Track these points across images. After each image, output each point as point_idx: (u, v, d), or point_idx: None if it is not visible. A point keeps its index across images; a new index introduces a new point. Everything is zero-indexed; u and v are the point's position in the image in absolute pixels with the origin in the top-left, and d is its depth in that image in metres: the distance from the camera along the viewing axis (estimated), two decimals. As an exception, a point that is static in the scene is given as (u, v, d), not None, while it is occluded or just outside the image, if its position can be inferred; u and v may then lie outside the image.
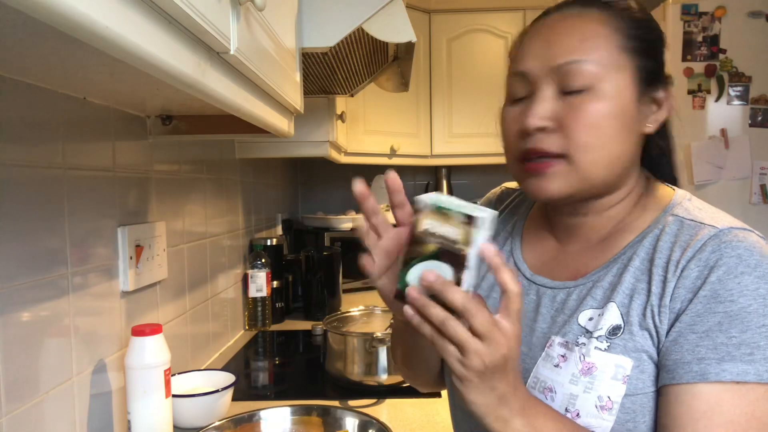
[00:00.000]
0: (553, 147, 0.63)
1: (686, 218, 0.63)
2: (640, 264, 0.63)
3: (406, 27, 1.10)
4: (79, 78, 0.77)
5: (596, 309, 0.64)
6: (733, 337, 0.55)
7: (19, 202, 0.76)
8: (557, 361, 0.64)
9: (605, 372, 0.60)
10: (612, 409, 0.59)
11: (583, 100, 0.62)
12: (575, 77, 0.62)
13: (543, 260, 0.74)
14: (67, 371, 0.86)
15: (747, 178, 2.39)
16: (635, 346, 0.60)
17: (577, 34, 0.63)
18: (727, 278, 0.56)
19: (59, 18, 0.33)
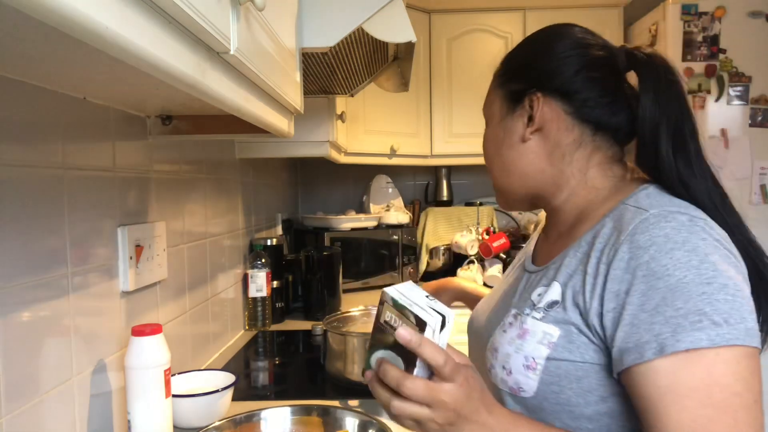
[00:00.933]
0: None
1: (630, 205, 0.69)
2: (585, 248, 0.70)
3: (406, 27, 1.10)
4: (79, 78, 0.77)
5: (545, 287, 0.73)
6: (680, 308, 0.58)
7: (19, 202, 0.76)
8: (506, 328, 0.75)
9: (534, 336, 0.69)
10: (536, 369, 0.68)
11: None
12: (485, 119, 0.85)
13: (537, 251, 0.87)
14: (67, 371, 0.86)
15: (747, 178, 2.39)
16: (564, 319, 0.68)
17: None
18: (659, 255, 0.60)
19: (59, 18, 0.33)
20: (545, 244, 0.85)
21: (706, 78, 2.39)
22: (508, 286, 0.86)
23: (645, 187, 0.72)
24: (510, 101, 0.80)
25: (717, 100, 2.39)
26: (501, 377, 0.72)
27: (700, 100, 2.40)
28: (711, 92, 2.39)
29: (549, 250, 0.81)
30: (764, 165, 2.38)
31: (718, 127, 2.40)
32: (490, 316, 0.84)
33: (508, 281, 0.89)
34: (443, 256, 2.66)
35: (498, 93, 0.82)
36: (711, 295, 0.58)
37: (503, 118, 0.81)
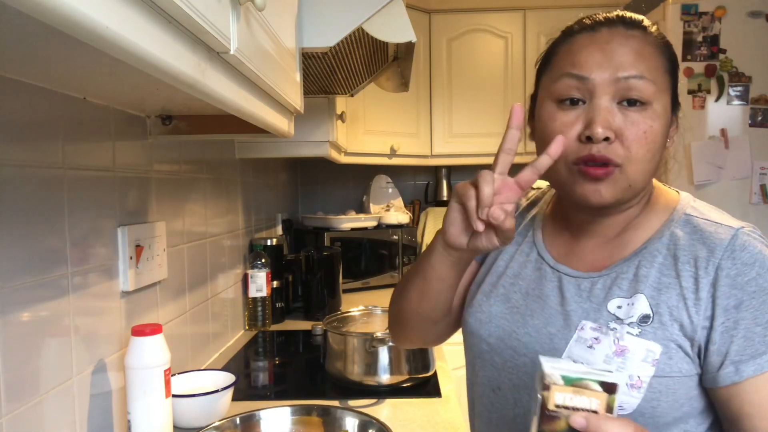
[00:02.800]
0: (615, 156, 0.67)
1: (699, 217, 0.72)
2: (663, 260, 0.70)
3: (406, 27, 1.10)
4: (79, 78, 0.77)
5: (624, 298, 0.70)
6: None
7: (19, 202, 0.76)
8: (591, 343, 0.70)
9: (636, 354, 0.67)
10: (641, 388, 0.66)
11: (641, 116, 0.68)
12: (635, 92, 0.67)
13: (561, 251, 0.80)
14: (67, 371, 0.86)
15: (747, 178, 2.39)
16: (665, 335, 0.67)
17: (635, 52, 0.68)
18: (764, 272, 0.65)
19: (59, 18, 0.33)
20: (577, 247, 0.78)
21: (706, 78, 2.39)
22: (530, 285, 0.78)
23: (687, 196, 0.76)
24: (673, 102, 0.73)
25: (717, 100, 2.39)
26: None
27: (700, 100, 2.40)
28: (711, 92, 2.39)
29: (590, 255, 0.76)
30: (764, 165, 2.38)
31: (718, 127, 2.39)
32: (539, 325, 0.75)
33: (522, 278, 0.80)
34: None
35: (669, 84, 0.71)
36: None
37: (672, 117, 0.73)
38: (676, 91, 0.73)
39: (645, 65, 0.68)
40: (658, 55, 0.70)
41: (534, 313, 0.76)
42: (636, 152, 0.67)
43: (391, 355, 1.28)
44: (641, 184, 0.70)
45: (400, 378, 1.29)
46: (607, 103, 0.68)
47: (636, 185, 0.69)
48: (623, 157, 0.67)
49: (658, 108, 0.68)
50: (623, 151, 0.67)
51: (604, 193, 0.69)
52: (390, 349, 1.28)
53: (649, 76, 0.67)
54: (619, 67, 0.67)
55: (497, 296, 0.81)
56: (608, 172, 0.68)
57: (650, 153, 0.68)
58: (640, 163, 0.68)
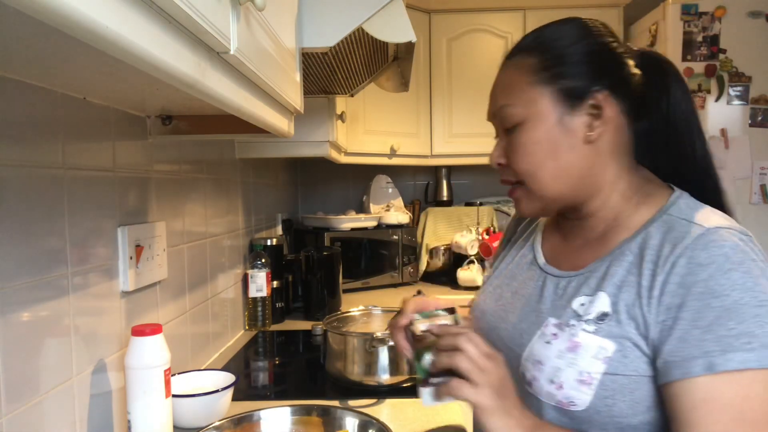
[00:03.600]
0: (510, 177, 0.78)
1: (678, 216, 0.69)
2: (633, 259, 0.70)
3: (406, 27, 1.10)
4: (79, 78, 0.77)
5: (588, 296, 0.71)
6: (732, 328, 0.60)
7: (19, 202, 0.76)
8: (549, 339, 0.72)
9: (588, 351, 0.68)
10: (591, 384, 0.67)
11: (515, 136, 0.75)
12: (505, 119, 0.76)
13: (553, 253, 0.83)
14: (67, 371, 0.86)
15: (747, 178, 2.39)
16: (620, 333, 0.67)
17: (501, 83, 0.78)
18: (718, 274, 0.62)
19: (59, 18, 0.33)
20: (566, 249, 0.81)
21: (706, 78, 2.39)
22: (521, 285, 0.83)
23: (679, 195, 0.73)
24: (567, 98, 0.73)
25: (717, 100, 2.39)
26: (548, 391, 0.70)
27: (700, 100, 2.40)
28: (711, 92, 2.39)
29: (573, 256, 0.79)
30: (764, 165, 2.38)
31: (718, 127, 2.40)
32: (515, 321, 0.80)
33: (515, 278, 0.85)
34: (443, 256, 2.67)
35: (544, 90, 0.73)
36: (762, 318, 0.60)
37: (560, 117, 0.73)
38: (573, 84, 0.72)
39: (506, 92, 0.76)
40: (521, 74, 0.75)
41: (514, 310, 0.81)
42: (521, 168, 0.75)
43: (391, 355, 1.28)
44: (551, 190, 0.74)
45: (400, 378, 1.29)
46: (500, 134, 0.79)
47: (548, 193, 0.75)
48: (517, 175, 0.76)
49: (530, 122, 0.74)
50: (512, 171, 0.77)
51: (523, 208, 0.79)
52: (390, 349, 1.28)
53: (511, 101, 0.75)
54: (494, 102, 0.78)
55: (492, 295, 0.87)
56: (512, 192, 0.79)
57: (534, 163, 0.74)
58: (530, 175, 0.75)
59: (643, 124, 0.77)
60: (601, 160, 0.74)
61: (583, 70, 0.73)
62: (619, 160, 0.75)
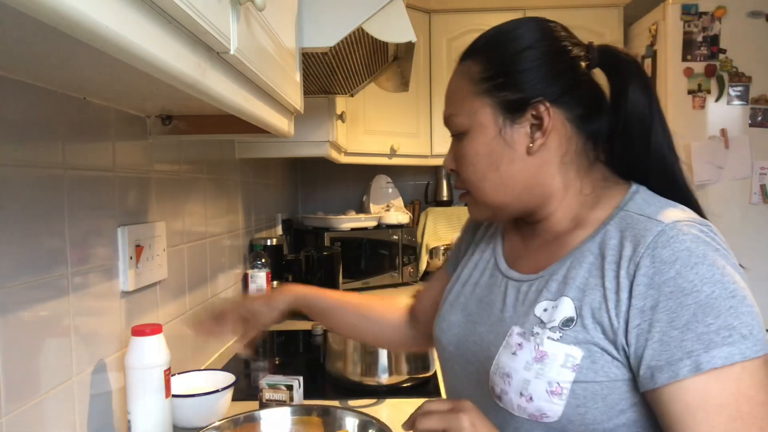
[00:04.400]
0: (458, 184, 0.78)
1: (635, 213, 0.67)
2: (594, 260, 0.67)
3: (406, 27, 1.10)
4: (79, 78, 0.77)
5: (550, 301, 0.69)
6: (711, 324, 0.58)
7: (19, 202, 0.76)
8: (515, 349, 0.69)
9: (556, 360, 0.65)
10: (561, 394, 0.64)
11: (461, 145, 0.75)
12: (452, 127, 0.76)
13: (514, 256, 0.81)
14: (67, 371, 0.86)
15: (747, 178, 2.39)
16: (586, 338, 0.64)
17: (449, 90, 0.78)
18: (685, 270, 0.60)
19: (59, 18, 0.33)
20: (525, 250, 0.79)
21: (706, 78, 2.39)
22: (485, 292, 0.80)
23: (635, 190, 0.71)
24: (508, 110, 0.72)
25: (717, 100, 2.39)
26: (518, 404, 0.67)
27: (700, 100, 2.40)
28: (711, 92, 2.39)
29: (533, 258, 0.76)
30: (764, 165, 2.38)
31: (718, 127, 2.40)
32: (479, 329, 0.77)
33: (479, 285, 0.82)
34: (443, 256, 2.66)
35: (485, 101, 0.72)
36: (737, 309, 0.59)
37: (501, 129, 0.72)
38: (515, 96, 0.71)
39: (451, 101, 0.76)
40: (465, 83, 0.74)
41: (482, 320, 0.77)
42: (465, 176, 0.75)
43: (391, 355, 1.28)
44: (495, 199, 0.74)
45: (400, 378, 1.29)
46: (452, 141, 0.78)
47: (490, 201, 0.74)
48: (462, 183, 0.77)
49: (474, 131, 0.73)
50: (459, 178, 0.77)
51: (472, 213, 0.80)
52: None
53: (455, 111, 0.75)
54: (445, 109, 0.78)
55: (457, 305, 0.83)
56: (463, 197, 0.79)
57: (478, 173, 0.74)
58: (473, 184, 0.75)
59: (600, 123, 0.74)
60: (548, 169, 0.73)
61: (526, 80, 0.71)
62: (569, 166, 0.73)
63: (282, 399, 1.07)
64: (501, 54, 0.73)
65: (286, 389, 1.07)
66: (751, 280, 0.65)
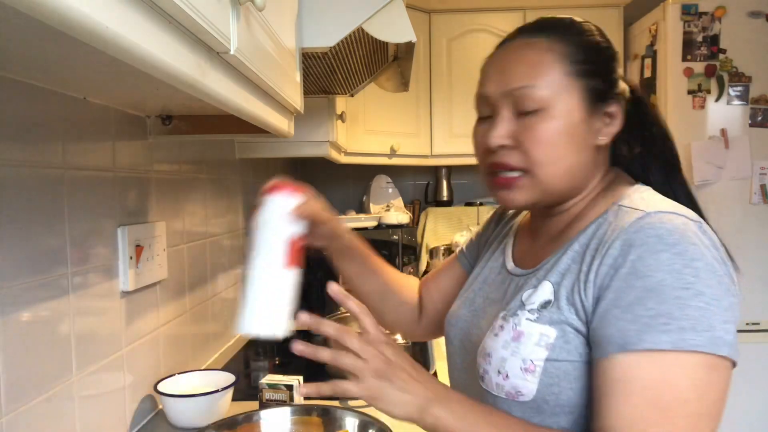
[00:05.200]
0: (514, 162, 0.72)
1: (626, 206, 0.68)
2: (578, 248, 0.69)
3: (406, 27, 1.10)
4: (79, 78, 0.77)
5: (534, 287, 0.71)
6: (651, 309, 0.59)
7: (19, 202, 0.76)
8: (497, 331, 0.71)
9: (531, 338, 0.67)
10: (535, 372, 0.66)
11: (536, 121, 0.70)
12: (526, 100, 0.70)
13: (521, 254, 0.82)
14: (67, 371, 0.86)
15: (747, 178, 2.38)
16: (560, 318, 0.66)
17: (526, 63, 0.72)
18: (646, 255, 0.60)
19: (59, 18, 0.33)
20: (533, 247, 0.81)
21: (706, 78, 2.39)
22: (492, 290, 0.82)
23: (637, 188, 0.72)
24: (592, 99, 0.71)
25: (717, 100, 2.39)
26: (496, 382, 0.69)
27: (700, 100, 2.40)
28: (711, 92, 2.39)
29: (537, 254, 0.78)
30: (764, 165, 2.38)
31: (718, 127, 2.39)
32: (481, 322, 0.79)
33: (488, 283, 0.84)
34: (443, 256, 2.67)
35: (574, 83, 0.70)
36: (685, 301, 0.58)
37: (587, 115, 0.71)
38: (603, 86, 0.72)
39: (535, 73, 0.70)
40: (557, 59, 0.71)
41: (486, 315, 0.79)
42: (535, 155, 0.70)
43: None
44: (556, 185, 0.71)
45: (400, 378, 1.29)
46: (505, 114, 0.72)
47: (550, 187, 0.71)
48: (525, 161, 0.71)
49: (556, 112, 0.70)
50: (522, 156, 0.71)
51: (516, 198, 0.73)
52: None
53: (537, 84, 0.70)
54: (510, 79, 0.71)
55: (466, 301, 0.85)
56: (513, 179, 0.72)
57: (552, 155, 0.70)
58: (543, 165, 0.70)
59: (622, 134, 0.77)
60: (597, 166, 0.75)
61: (609, 74, 0.73)
62: (604, 166, 0.77)
63: (282, 399, 1.07)
64: (594, 44, 0.73)
65: (286, 389, 1.06)
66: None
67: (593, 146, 0.72)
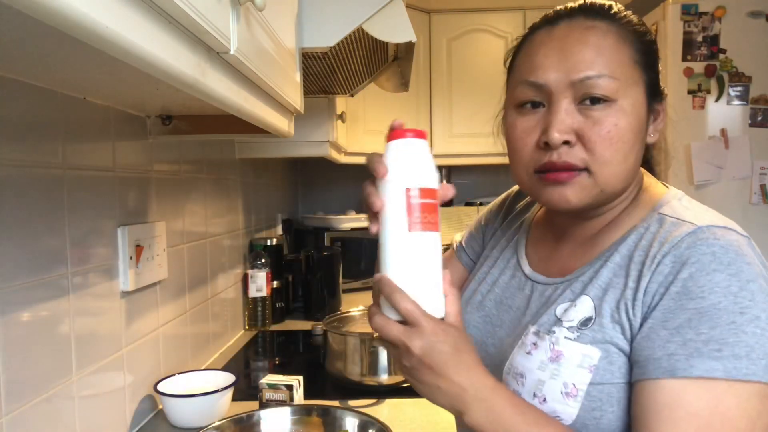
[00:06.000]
0: (577, 161, 0.63)
1: (670, 216, 0.64)
2: (620, 260, 0.64)
3: (406, 27, 1.10)
4: (79, 78, 0.77)
5: (571, 301, 0.65)
6: (702, 333, 0.55)
7: (19, 202, 0.76)
8: (529, 349, 0.66)
9: (572, 360, 0.62)
10: (577, 396, 0.61)
11: (604, 115, 0.62)
12: (595, 91, 0.62)
13: (541, 258, 0.76)
14: (67, 371, 0.86)
15: (747, 178, 2.38)
16: (604, 338, 0.61)
17: (593, 48, 0.63)
18: (699, 275, 0.56)
19: (59, 18, 0.33)
20: (555, 251, 0.75)
21: (706, 78, 2.39)
22: (507, 295, 0.76)
23: (675, 194, 0.68)
24: (651, 94, 0.66)
25: (717, 100, 2.39)
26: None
27: (700, 100, 2.40)
28: (711, 92, 2.39)
29: (564, 260, 0.72)
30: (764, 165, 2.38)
31: (718, 127, 2.39)
32: (499, 332, 0.73)
33: (499, 286, 0.78)
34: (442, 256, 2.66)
35: (641, 75, 0.65)
36: (740, 326, 0.54)
37: (649, 111, 0.67)
38: (657, 81, 0.67)
39: (605, 61, 0.62)
40: (625, 46, 0.64)
41: (503, 324, 0.74)
42: (601, 154, 0.62)
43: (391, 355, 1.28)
44: (615, 187, 0.65)
45: (400, 378, 1.29)
46: (566, 106, 0.63)
47: (609, 189, 0.64)
48: (588, 160, 0.63)
49: (625, 104, 0.63)
50: (586, 154, 0.63)
51: (570, 197, 0.64)
52: (390, 349, 1.28)
53: (610, 73, 0.62)
54: (576, 66, 0.62)
55: (474, 304, 0.80)
56: (571, 176, 0.64)
57: (620, 153, 0.63)
58: (608, 165, 0.63)
59: None
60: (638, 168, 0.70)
61: (658, 69, 0.68)
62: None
63: (282, 399, 1.07)
64: (647, 34, 0.67)
65: (286, 389, 1.06)
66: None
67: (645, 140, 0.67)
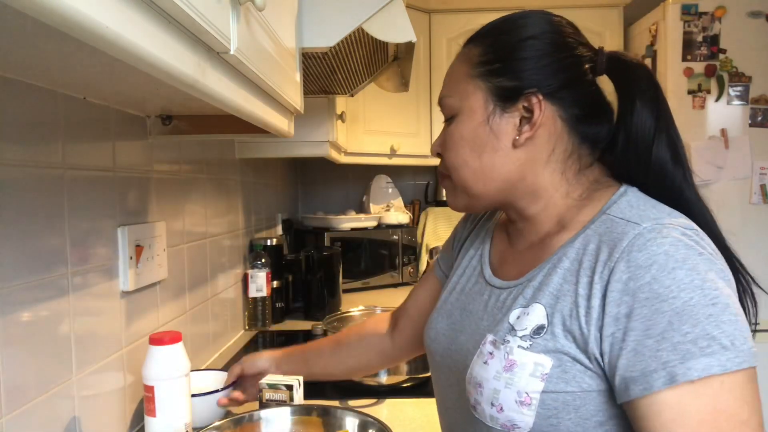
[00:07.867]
0: (443, 168, 0.77)
1: (616, 216, 0.64)
2: (569, 265, 0.64)
3: (406, 27, 1.10)
4: (79, 78, 0.77)
5: (523, 308, 0.66)
6: (687, 333, 0.55)
7: (19, 202, 0.76)
8: (486, 358, 0.67)
9: (525, 369, 0.63)
10: (531, 405, 0.62)
11: (450, 129, 0.74)
12: (443, 109, 0.76)
13: (501, 261, 0.78)
14: (67, 371, 0.86)
15: (747, 178, 2.39)
16: (556, 347, 0.62)
17: (448, 72, 0.77)
18: (661, 275, 0.56)
19: (59, 18, 0.33)
20: (510, 254, 0.76)
21: (706, 78, 2.39)
22: (469, 300, 0.77)
23: (622, 192, 0.68)
24: (500, 98, 0.69)
25: (717, 100, 2.39)
26: (490, 414, 0.65)
27: (700, 100, 2.40)
28: (711, 92, 2.39)
29: (518, 263, 0.73)
30: (764, 165, 2.38)
31: (718, 127, 2.40)
32: (460, 338, 0.74)
33: (465, 292, 0.80)
34: (443, 256, 2.67)
35: (479, 85, 0.71)
36: (717, 317, 0.55)
37: (489, 117, 0.70)
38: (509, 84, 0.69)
39: (448, 82, 0.75)
40: (462, 64, 0.74)
41: (464, 329, 0.75)
42: (448, 159, 0.74)
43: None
44: (476, 188, 0.72)
45: (400, 378, 1.29)
46: (444, 125, 0.77)
47: (470, 190, 0.73)
48: (447, 167, 0.75)
49: (464, 115, 0.72)
50: (443, 163, 0.76)
51: (451, 201, 0.78)
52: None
53: (449, 92, 0.74)
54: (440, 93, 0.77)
55: (444, 312, 0.81)
56: (444, 182, 0.77)
57: (459, 159, 0.72)
58: (458, 168, 0.73)
59: (599, 128, 0.71)
60: (532, 166, 0.70)
61: (523, 69, 0.69)
62: (556, 165, 0.70)
63: (282, 399, 1.07)
64: (504, 40, 0.72)
65: (286, 389, 1.07)
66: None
67: (509, 147, 0.69)
